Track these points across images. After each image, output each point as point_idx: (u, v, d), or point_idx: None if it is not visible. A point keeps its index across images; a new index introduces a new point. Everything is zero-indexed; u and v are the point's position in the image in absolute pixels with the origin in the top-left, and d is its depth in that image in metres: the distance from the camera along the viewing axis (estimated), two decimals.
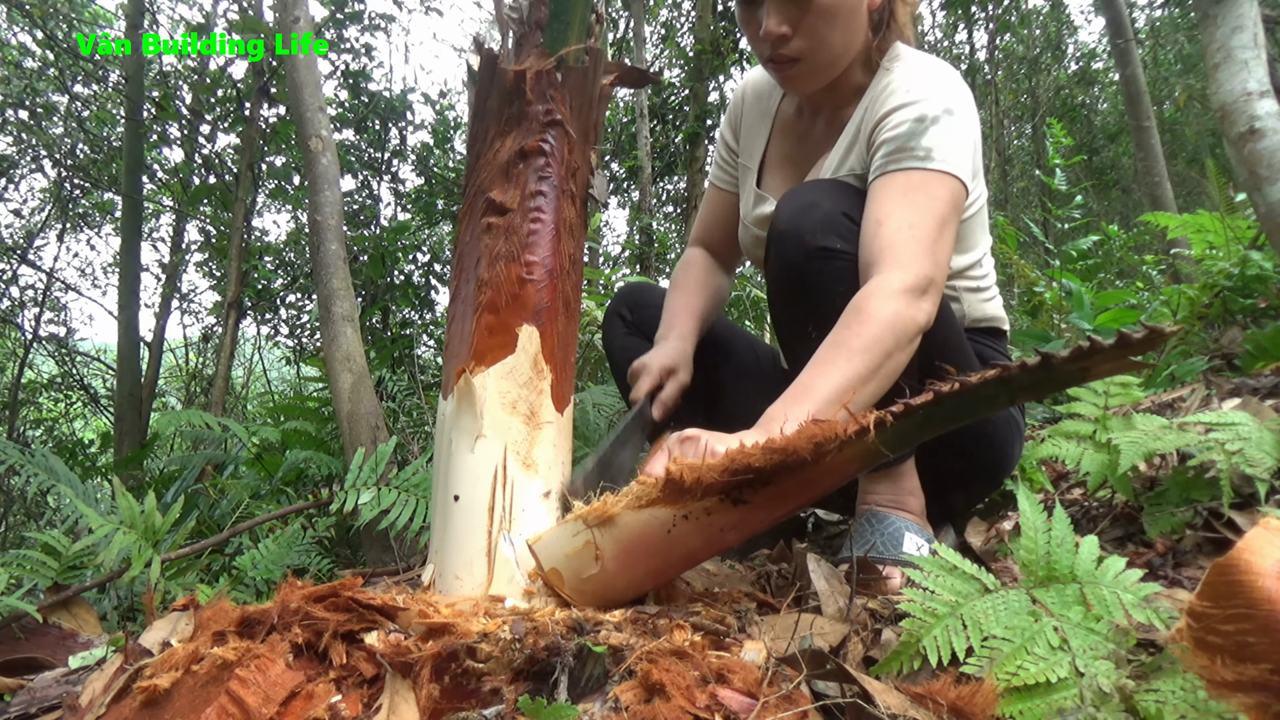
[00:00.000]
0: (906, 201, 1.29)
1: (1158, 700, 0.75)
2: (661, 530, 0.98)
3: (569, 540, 1.01)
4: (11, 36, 7.08)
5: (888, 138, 1.34)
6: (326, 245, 2.60)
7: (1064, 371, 0.90)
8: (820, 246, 1.30)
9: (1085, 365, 0.90)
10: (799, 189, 1.39)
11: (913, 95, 1.36)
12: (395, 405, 3.55)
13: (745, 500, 0.96)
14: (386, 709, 0.83)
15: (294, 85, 2.73)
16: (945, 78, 1.40)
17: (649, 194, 6.60)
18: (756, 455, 0.93)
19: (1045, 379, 0.92)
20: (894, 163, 1.32)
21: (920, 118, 1.33)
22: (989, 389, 0.91)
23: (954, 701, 0.79)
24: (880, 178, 1.33)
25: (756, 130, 1.70)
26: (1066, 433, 1.58)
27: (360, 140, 6.70)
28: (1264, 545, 0.63)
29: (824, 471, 0.94)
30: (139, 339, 6.53)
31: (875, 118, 1.39)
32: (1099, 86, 11.91)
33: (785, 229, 1.34)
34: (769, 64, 1.45)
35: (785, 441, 0.93)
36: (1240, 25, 2.38)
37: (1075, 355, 0.89)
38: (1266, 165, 2.30)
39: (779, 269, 1.37)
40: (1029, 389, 0.93)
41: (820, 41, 1.39)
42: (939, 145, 1.31)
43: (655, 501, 0.98)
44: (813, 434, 0.92)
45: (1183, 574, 1.25)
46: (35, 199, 9.02)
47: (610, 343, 1.78)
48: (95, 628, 1.58)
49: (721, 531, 0.98)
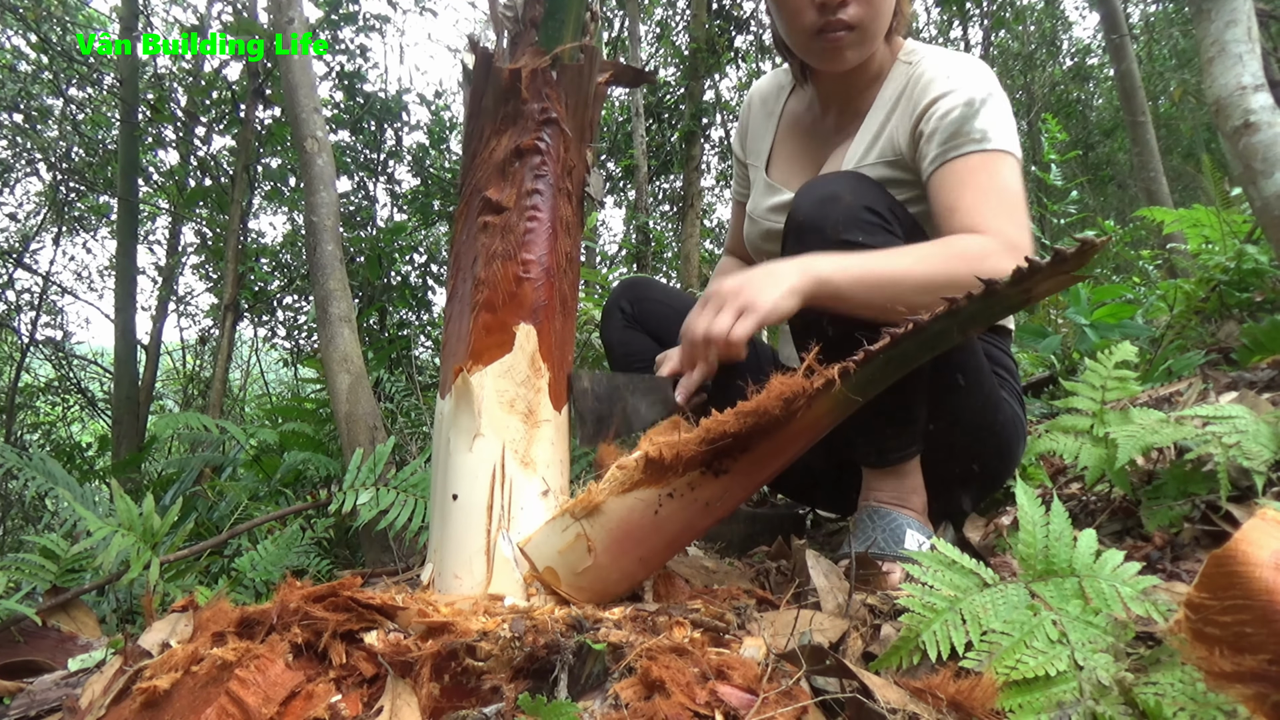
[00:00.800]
0: (975, 184, 1.30)
1: (1156, 692, 0.75)
2: (649, 511, 0.98)
3: (559, 536, 1.01)
4: (5, 40, 7.06)
5: (939, 126, 1.35)
6: (323, 246, 2.59)
7: (1007, 295, 0.93)
8: (842, 240, 1.27)
9: (1027, 286, 0.92)
10: (818, 181, 1.36)
11: (953, 82, 1.37)
12: (393, 406, 3.55)
13: (725, 470, 0.97)
14: (388, 708, 0.83)
15: (289, 87, 2.73)
16: (976, 64, 1.42)
17: (645, 193, 6.60)
18: (729, 421, 0.95)
19: (991, 305, 0.94)
20: (953, 149, 1.33)
21: (969, 102, 1.34)
22: (940, 323, 0.94)
23: (953, 696, 0.79)
24: (941, 167, 1.34)
25: (762, 130, 1.72)
26: (1064, 427, 1.58)
27: (356, 141, 6.68)
28: (1261, 536, 0.63)
29: (799, 430, 0.97)
30: (136, 342, 6.52)
31: (917, 108, 1.40)
32: (1094, 82, 11.93)
33: (806, 220, 1.31)
34: (819, 36, 1.42)
35: (755, 403, 0.95)
36: (1234, 19, 2.39)
37: (1016, 278, 0.91)
38: (1262, 159, 2.30)
39: None
40: (977, 317, 0.95)
41: (875, 9, 1.40)
42: (992, 126, 1.33)
43: (639, 484, 0.98)
44: (780, 391, 0.94)
45: (1181, 567, 1.25)
46: (30, 203, 9.01)
47: (609, 336, 1.76)
48: (94, 630, 1.58)
49: (707, 506, 0.99)
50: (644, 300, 1.75)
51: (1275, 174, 2.29)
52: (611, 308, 1.76)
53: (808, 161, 1.63)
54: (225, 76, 6.65)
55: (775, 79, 1.76)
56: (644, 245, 6.59)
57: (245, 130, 5.92)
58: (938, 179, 1.34)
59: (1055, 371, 3.02)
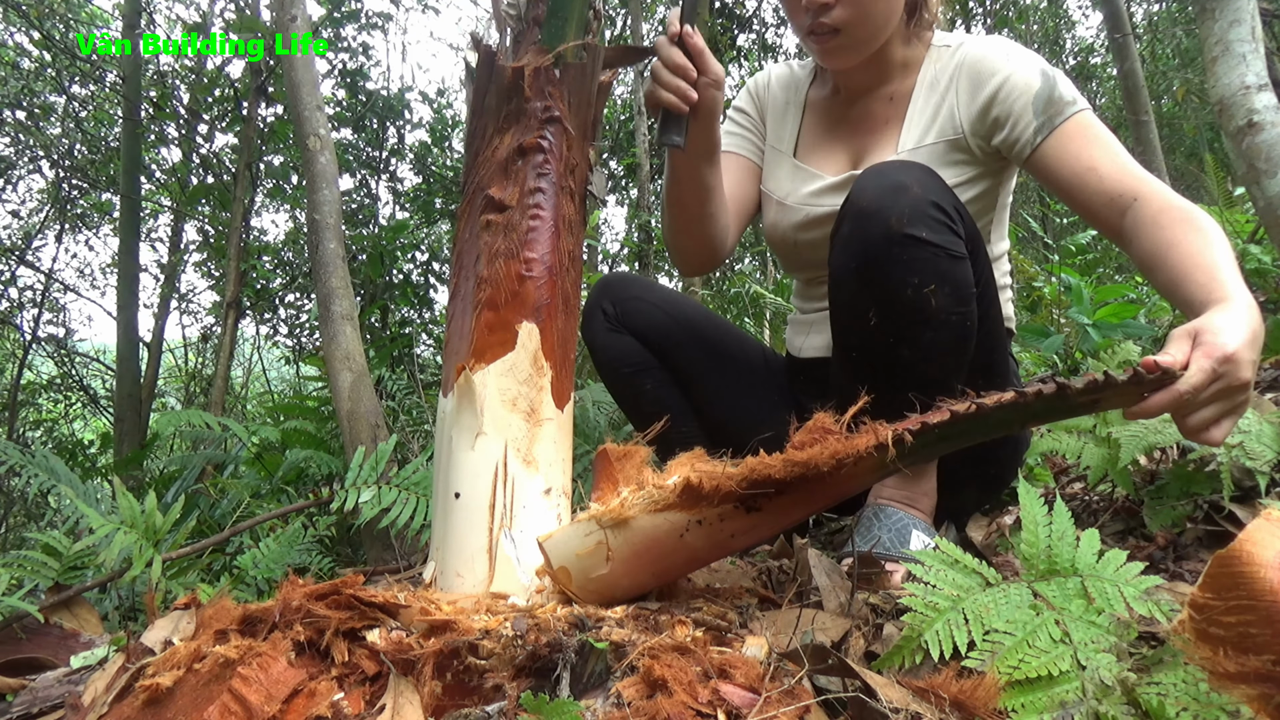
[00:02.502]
0: (1096, 143, 1.34)
1: (1160, 693, 0.75)
2: (675, 534, 0.98)
3: (581, 540, 1.01)
4: (9, 37, 7.06)
5: (1027, 102, 1.37)
6: (325, 244, 2.59)
7: (1076, 399, 0.94)
8: (906, 234, 1.23)
9: (1096, 397, 0.93)
10: (885, 166, 1.31)
11: (1016, 59, 1.41)
12: (395, 404, 3.55)
13: (758, 508, 0.97)
14: (390, 706, 0.83)
15: (292, 84, 2.73)
16: (1015, 43, 1.45)
17: (647, 191, 6.58)
18: (777, 467, 0.94)
19: (1058, 407, 0.95)
20: (1057, 115, 1.36)
21: (1043, 73, 1.38)
22: (1004, 413, 0.94)
23: (956, 695, 0.79)
24: (1052, 134, 1.36)
25: (786, 115, 1.68)
26: (1067, 427, 1.58)
27: (358, 139, 6.68)
28: (1265, 537, 0.63)
29: (837, 482, 0.95)
30: (138, 339, 6.52)
31: (983, 87, 1.42)
32: (1097, 81, 11.90)
33: (870, 206, 1.26)
34: (809, 37, 1.45)
35: (807, 456, 0.94)
36: (1238, 19, 2.38)
37: (1089, 386, 0.91)
38: (1265, 159, 2.30)
39: (853, 248, 1.28)
40: (1042, 415, 0.96)
41: (862, 12, 1.40)
42: (1070, 89, 1.37)
43: (671, 506, 0.97)
44: (835, 450, 0.93)
45: (1184, 567, 1.25)
46: (33, 200, 9.00)
47: (592, 340, 1.68)
48: (96, 627, 1.58)
49: (731, 537, 0.99)
50: (627, 300, 1.67)
51: (1278, 174, 2.28)
52: (593, 309, 1.68)
53: (844, 148, 1.60)
54: (228, 74, 6.64)
55: (788, 67, 1.74)
56: (646, 244, 6.58)
57: (248, 128, 5.92)
58: (1053, 146, 1.36)
59: (1058, 371, 3.02)
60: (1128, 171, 1.29)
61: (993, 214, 1.54)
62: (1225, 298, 1.05)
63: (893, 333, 1.26)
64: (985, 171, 1.47)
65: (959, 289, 1.25)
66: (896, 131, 1.52)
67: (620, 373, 1.66)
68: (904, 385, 1.27)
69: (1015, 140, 1.39)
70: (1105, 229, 1.32)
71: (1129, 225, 1.25)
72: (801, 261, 1.65)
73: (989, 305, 1.36)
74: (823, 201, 1.55)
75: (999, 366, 1.44)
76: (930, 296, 1.23)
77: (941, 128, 1.46)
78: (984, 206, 1.50)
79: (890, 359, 1.28)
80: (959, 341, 1.28)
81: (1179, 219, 1.19)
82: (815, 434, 0.98)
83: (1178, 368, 0.96)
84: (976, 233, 1.34)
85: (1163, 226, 1.20)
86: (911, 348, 1.27)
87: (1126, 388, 0.94)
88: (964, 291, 1.26)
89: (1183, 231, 1.18)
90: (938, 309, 1.24)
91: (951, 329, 1.26)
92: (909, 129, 1.50)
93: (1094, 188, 1.31)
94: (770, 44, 8.52)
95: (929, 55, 1.51)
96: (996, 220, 1.55)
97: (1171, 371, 0.95)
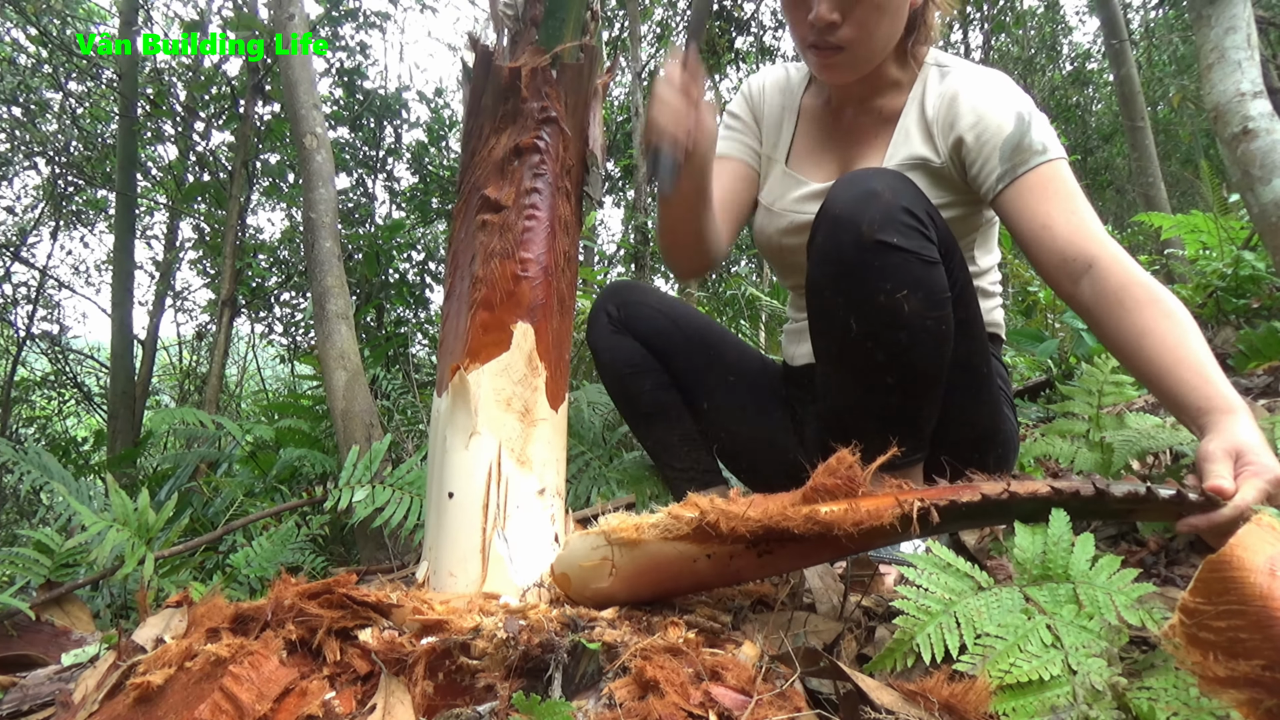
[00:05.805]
0: (1056, 196, 1.32)
1: (1150, 697, 0.75)
2: (683, 564, 0.98)
3: (587, 552, 1.01)
4: (5, 33, 7.04)
5: (997, 144, 1.36)
6: (321, 243, 2.59)
7: (1111, 505, 0.95)
8: (878, 240, 1.23)
9: (1133, 506, 0.93)
10: (858, 174, 1.32)
11: (996, 99, 1.39)
12: (390, 403, 3.55)
13: (769, 552, 0.97)
14: (381, 706, 0.83)
15: (289, 83, 2.73)
16: (1005, 79, 1.44)
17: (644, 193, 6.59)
18: (798, 522, 0.93)
19: (1093, 507, 0.96)
20: (1021, 165, 1.34)
21: (1019, 116, 1.36)
22: (1035, 504, 0.94)
23: (947, 699, 0.79)
24: (1013, 184, 1.34)
25: (781, 121, 1.68)
26: (1061, 431, 1.58)
27: (355, 138, 6.68)
28: (1256, 542, 0.64)
29: (853, 543, 0.95)
30: (133, 337, 6.51)
31: (957, 121, 1.41)
32: (1093, 87, 11.94)
33: (842, 214, 1.27)
34: (811, 50, 1.43)
35: (831, 517, 0.93)
36: (1234, 26, 2.39)
37: (1130, 497, 0.91)
38: (1260, 165, 2.31)
39: (827, 255, 1.30)
40: (1075, 512, 0.96)
41: (867, 33, 1.39)
42: (1045, 136, 1.35)
43: (684, 538, 0.97)
44: (859, 519, 0.92)
45: (1175, 572, 1.25)
46: (28, 196, 8.99)
47: (596, 341, 1.71)
48: (88, 625, 1.57)
49: (737, 574, 1.00)
50: (631, 304, 1.70)
51: (1273, 180, 2.29)
52: (598, 312, 1.72)
53: (834, 158, 1.61)
54: (225, 72, 6.63)
55: (784, 70, 1.73)
56: (642, 245, 6.58)
57: (244, 126, 5.91)
58: (1013, 195, 1.34)
59: (1052, 376, 3.03)
60: (1083, 233, 1.27)
61: (975, 235, 1.54)
62: (1230, 409, 1.06)
63: (868, 338, 1.27)
64: (965, 199, 1.47)
65: (932, 294, 1.25)
66: (885, 146, 1.53)
67: (621, 373, 1.68)
68: (882, 390, 1.28)
69: (981, 183, 1.39)
70: (1058, 289, 1.30)
71: (1088, 295, 1.24)
72: (789, 267, 1.65)
73: (966, 308, 1.36)
74: (807, 208, 1.56)
75: (978, 369, 1.43)
76: (903, 302, 1.23)
77: (925, 151, 1.46)
78: (967, 228, 1.51)
79: (867, 364, 1.29)
80: (935, 346, 1.28)
81: (1145, 299, 1.19)
82: (838, 478, 0.97)
83: (1229, 494, 0.95)
84: (951, 237, 1.35)
85: (1129, 310, 1.19)
86: (887, 353, 1.27)
87: (1166, 505, 0.94)
88: (938, 296, 1.26)
89: (1153, 317, 1.17)
90: (911, 314, 1.23)
91: (927, 333, 1.26)
92: (896, 145, 1.50)
93: (1047, 245, 1.29)
94: (768, 47, 8.53)
95: (921, 74, 1.51)
96: (981, 238, 1.55)
97: (1215, 500, 0.94)
